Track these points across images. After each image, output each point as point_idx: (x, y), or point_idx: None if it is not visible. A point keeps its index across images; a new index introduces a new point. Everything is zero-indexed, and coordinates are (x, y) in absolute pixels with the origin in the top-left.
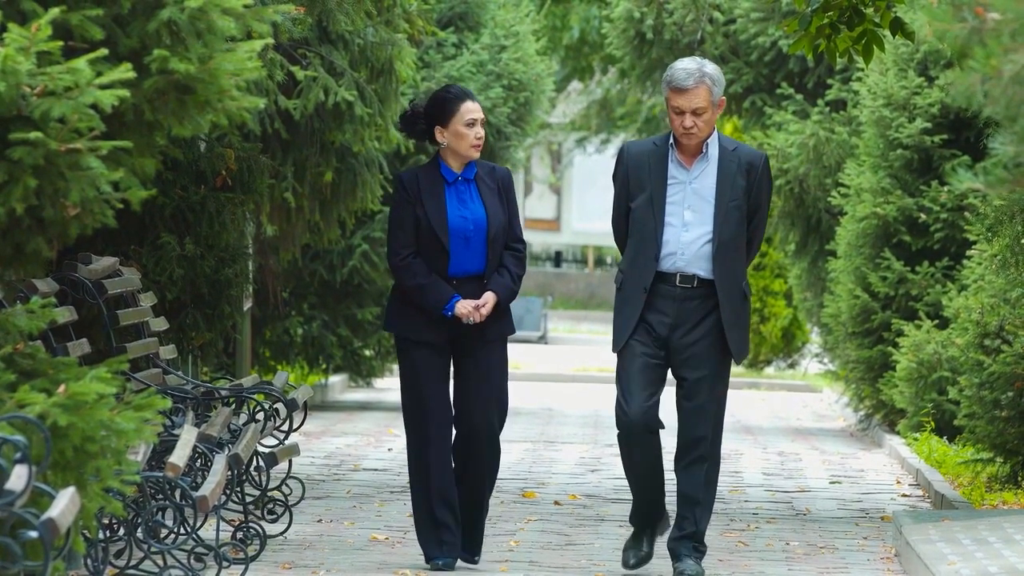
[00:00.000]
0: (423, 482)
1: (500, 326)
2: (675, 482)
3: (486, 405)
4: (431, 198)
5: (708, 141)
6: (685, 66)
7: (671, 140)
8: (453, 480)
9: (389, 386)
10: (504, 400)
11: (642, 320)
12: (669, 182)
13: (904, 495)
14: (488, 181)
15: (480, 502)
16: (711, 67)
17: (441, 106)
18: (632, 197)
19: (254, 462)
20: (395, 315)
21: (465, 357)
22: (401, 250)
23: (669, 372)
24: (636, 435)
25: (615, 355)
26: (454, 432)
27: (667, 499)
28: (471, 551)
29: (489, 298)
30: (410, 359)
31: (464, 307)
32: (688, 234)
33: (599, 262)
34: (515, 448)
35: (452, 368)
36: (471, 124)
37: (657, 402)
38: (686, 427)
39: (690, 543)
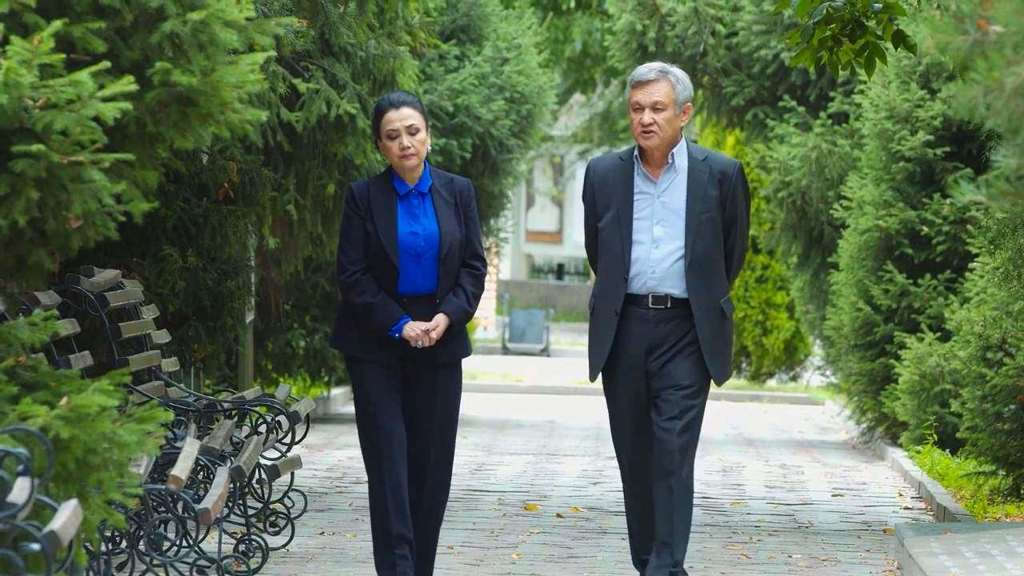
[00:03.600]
0: (380, 506)
1: (452, 349)
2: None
3: (425, 447)
4: (381, 212)
5: (674, 151)
6: (649, 64)
7: (636, 152)
8: (407, 502)
9: None
10: (445, 442)
11: (616, 351)
12: (636, 196)
13: (906, 508)
14: (445, 194)
15: (423, 537)
16: (678, 70)
17: (373, 117)
18: (599, 216)
19: (256, 475)
20: (342, 333)
21: (415, 382)
22: (350, 266)
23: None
24: (638, 489)
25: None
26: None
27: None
28: None
29: (440, 320)
30: (359, 378)
31: (413, 330)
32: (658, 251)
33: None
34: (517, 461)
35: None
36: (392, 136)
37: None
38: (658, 444)
39: (666, 570)
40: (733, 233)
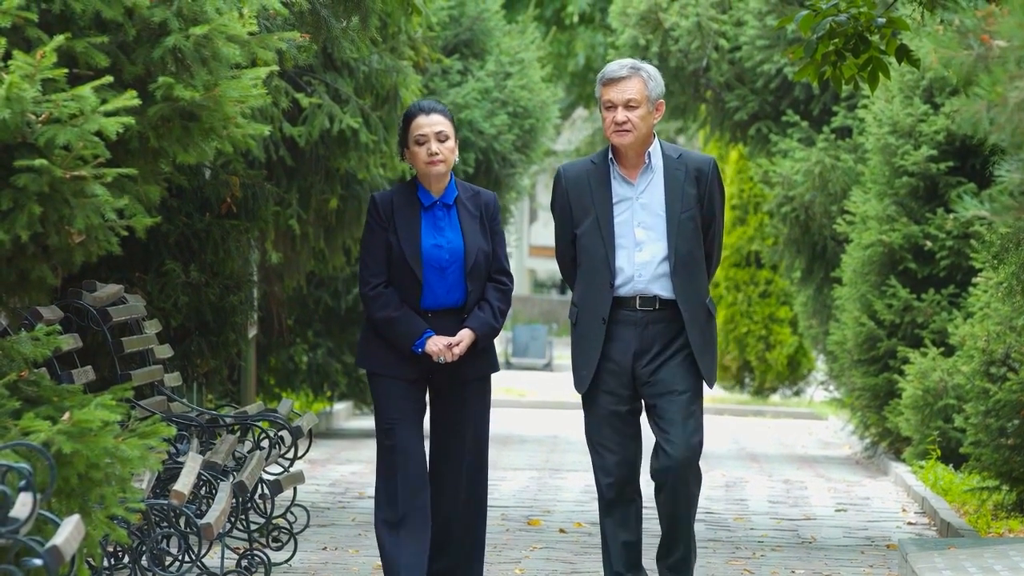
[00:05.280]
0: (395, 538)
1: (478, 365)
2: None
3: (457, 469)
4: (404, 223)
5: (650, 151)
6: (620, 61)
7: (610, 155)
8: (428, 533)
9: None
10: (479, 458)
11: (604, 358)
12: (614, 200)
13: (910, 523)
14: (470, 207)
15: (465, 567)
16: (650, 66)
17: (401, 124)
18: (577, 223)
19: (259, 490)
20: (367, 349)
21: (440, 398)
22: (371, 279)
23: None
24: (615, 504)
25: (580, 396)
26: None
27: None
28: None
29: (464, 336)
30: (380, 394)
31: (435, 344)
32: (642, 254)
33: None
34: (520, 476)
35: (429, 407)
36: (420, 142)
37: (634, 462)
38: (663, 454)
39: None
40: (711, 231)
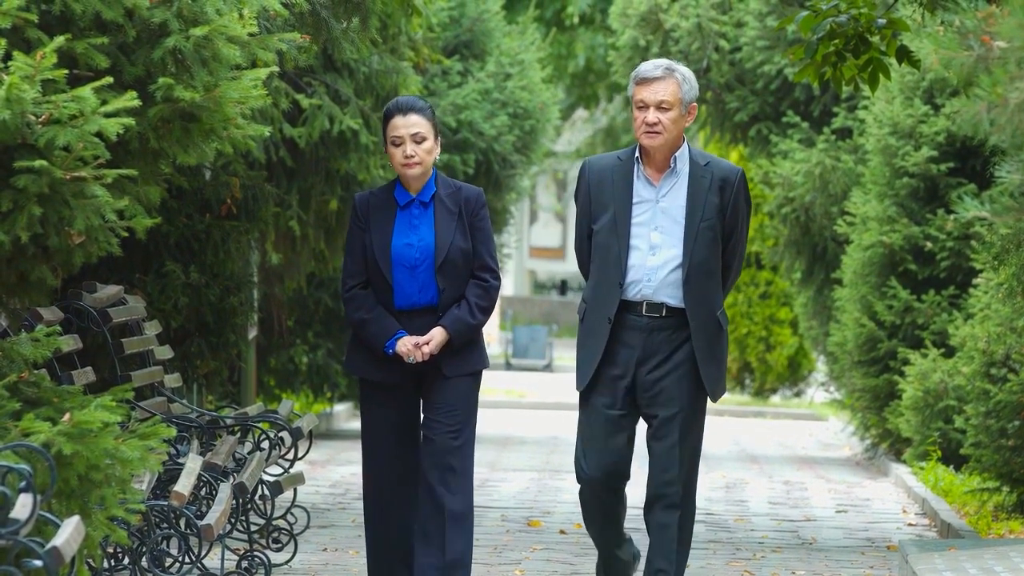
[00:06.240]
0: (379, 541)
1: (460, 362)
2: (646, 531)
3: (431, 463)
4: (378, 223)
5: (676, 154)
6: (655, 60)
7: (637, 154)
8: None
9: None
10: (456, 458)
11: (606, 359)
12: (634, 200)
13: (910, 524)
14: (449, 203)
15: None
16: (684, 67)
17: (382, 121)
18: (595, 218)
19: (259, 491)
20: (354, 355)
21: (427, 397)
22: (349, 280)
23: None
24: (593, 493)
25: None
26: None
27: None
28: None
29: (436, 334)
30: (368, 404)
31: (404, 345)
32: (655, 258)
33: None
34: (521, 477)
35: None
36: (396, 143)
37: (619, 460)
38: (656, 470)
39: None
40: (732, 243)
